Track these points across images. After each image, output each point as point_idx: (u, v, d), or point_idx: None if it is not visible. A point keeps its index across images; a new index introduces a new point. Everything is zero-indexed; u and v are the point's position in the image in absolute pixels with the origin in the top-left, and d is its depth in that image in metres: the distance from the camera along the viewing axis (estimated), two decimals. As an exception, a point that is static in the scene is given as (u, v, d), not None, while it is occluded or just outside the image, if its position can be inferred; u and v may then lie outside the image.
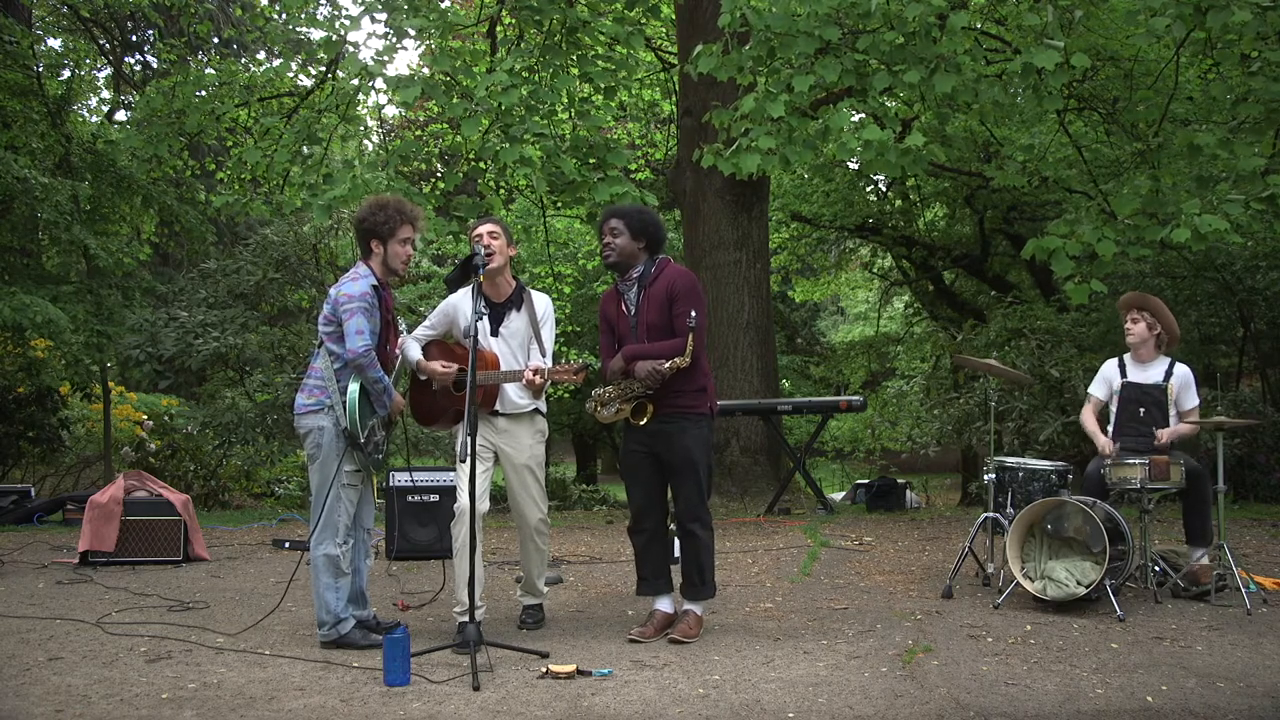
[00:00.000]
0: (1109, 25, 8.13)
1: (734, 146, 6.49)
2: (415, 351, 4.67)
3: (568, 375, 4.35)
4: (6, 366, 10.76)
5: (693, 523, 4.46)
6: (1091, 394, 5.63)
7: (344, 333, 4.19)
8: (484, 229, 4.56)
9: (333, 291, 4.32)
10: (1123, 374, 5.50)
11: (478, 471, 4.37)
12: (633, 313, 4.47)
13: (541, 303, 4.68)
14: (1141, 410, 5.37)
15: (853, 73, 6.27)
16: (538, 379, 4.37)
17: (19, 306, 8.63)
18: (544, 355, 4.59)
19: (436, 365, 4.57)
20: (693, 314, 4.28)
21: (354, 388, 4.21)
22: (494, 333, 4.56)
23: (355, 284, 4.24)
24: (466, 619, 4.08)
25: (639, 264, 4.48)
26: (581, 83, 9.03)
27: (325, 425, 4.24)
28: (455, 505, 4.44)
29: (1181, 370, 5.43)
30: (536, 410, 4.64)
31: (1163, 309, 5.44)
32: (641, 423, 4.38)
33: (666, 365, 4.26)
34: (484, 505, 4.49)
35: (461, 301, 4.61)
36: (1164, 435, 5.24)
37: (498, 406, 4.54)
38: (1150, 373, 5.44)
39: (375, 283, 4.30)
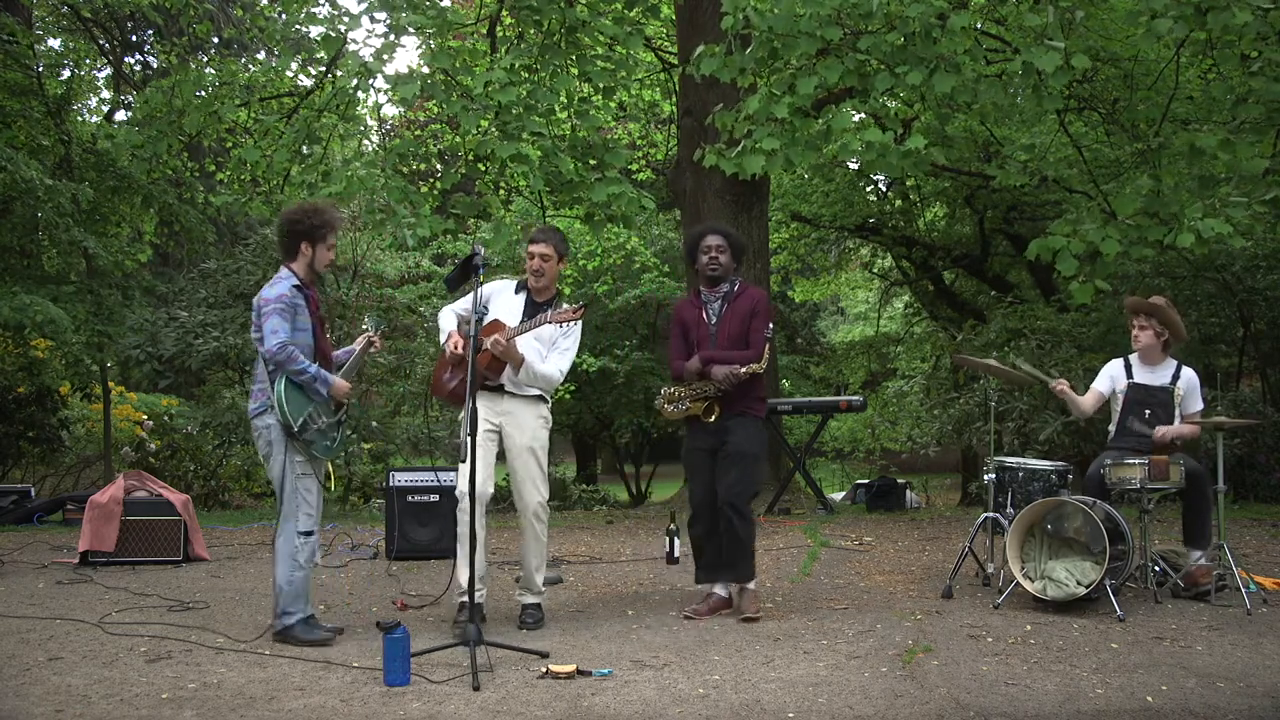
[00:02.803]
0: (1109, 26, 8.13)
1: (739, 148, 6.49)
2: (450, 322, 4.80)
3: (568, 316, 4.56)
4: (6, 366, 10.75)
5: (733, 509, 4.79)
6: (1093, 386, 5.60)
7: (263, 334, 4.39)
8: (537, 249, 4.76)
9: (255, 299, 4.52)
10: (1129, 374, 5.49)
11: (480, 455, 4.52)
12: (713, 322, 4.95)
13: (575, 326, 4.79)
14: (1147, 412, 5.36)
15: (854, 73, 6.27)
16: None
17: (19, 306, 8.61)
18: (543, 358, 4.71)
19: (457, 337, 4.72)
20: (770, 329, 4.82)
21: (280, 381, 4.38)
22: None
23: (273, 288, 4.46)
24: (465, 599, 4.19)
25: (727, 280, 4.99)
26: (581, 82, 9.03)
27: (271, 423, 4.42)
28: (456, 490, 4.59)
29: (1188, 373, 5.43)
30: (540, 397, 4.78)
31: (1170, 316, 5.39)
32: (711, 419, 4.82)
33: (743, 369, 4.73)
34: (488, 489, 4.65)
35: (496, 294, 4.81)
36: (1165, 432, 5.23)
37: (506, 385, 4.68)
38: (1157, 375, 5.42)
39: (297, 283, 4.49)
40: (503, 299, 4.83)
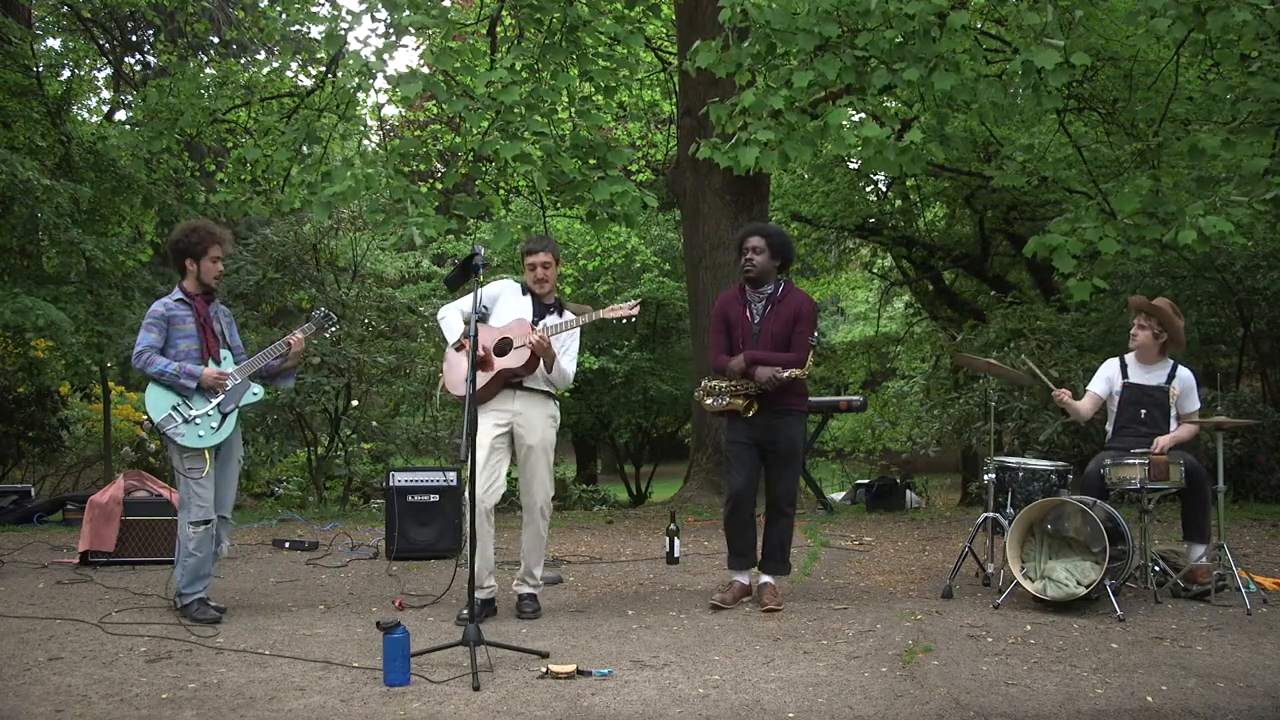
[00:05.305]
0: (1109, 25, 8.12)
1: (733, 140, 6.49)
2: (458, 323, 4.88)
3: (624, 311, 4.78)
4: (7, 366, 10.75)
5: (787, 506, 5.13)
6: (1090, 389, 5.61)
7: None
8: (539, 259, 4.89)
9: None
10: (1124, 374, 5.49)
11: (492, 460, 4.71)
12: (757, 321, 5.03)
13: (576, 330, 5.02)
14: (1143, 411, 5.36)
15: (852, 70, 6.27)
16: (544, 344, 4.68)
17: (20, 309, 8.60)
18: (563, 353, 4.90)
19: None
20: (815, 334, 4.94)
21: (148, 385, 4.77)
22: (533, 325, 4.85)
23: (154, 304, 4.84)
24: (479, 595, 4.31)
25: (770, 281, 5.05)
26: (582, 81, 9.03)
27: None
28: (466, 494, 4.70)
29: (1184, 374, 5.43)
30: (549, 394, 4.90)
31: (1170, 317, 5.39)
32: (749, 415, 4.96)
33: (786, 374, 4.86)
34: (494, 498, 4.72)
35: (502, 295, 4.90)
36: (1162, 443, 5.23)
37: (524, 381, 4.80)
38: (1153, 375, 5.43)
39: (180, 297, 4.83)
40: (510, 300, 4.90)
